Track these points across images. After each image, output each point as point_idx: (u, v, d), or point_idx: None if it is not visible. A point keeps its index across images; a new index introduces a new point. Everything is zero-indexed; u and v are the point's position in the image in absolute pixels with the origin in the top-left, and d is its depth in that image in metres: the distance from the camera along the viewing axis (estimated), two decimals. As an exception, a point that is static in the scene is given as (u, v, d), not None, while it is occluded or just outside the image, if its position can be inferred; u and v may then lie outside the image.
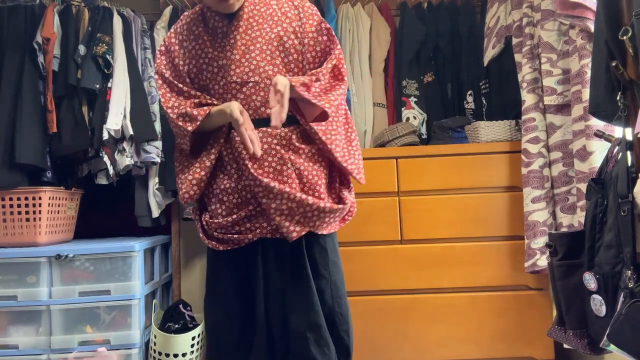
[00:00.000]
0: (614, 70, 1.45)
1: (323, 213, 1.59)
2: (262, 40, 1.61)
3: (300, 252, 1.62)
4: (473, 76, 2.78)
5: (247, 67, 1.60)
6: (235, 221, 1.59)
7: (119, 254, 2.33)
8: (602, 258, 1.50)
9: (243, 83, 1.60)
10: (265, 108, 1.59)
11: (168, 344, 2.31)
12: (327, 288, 1.65)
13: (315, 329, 1.60)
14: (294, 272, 1.62)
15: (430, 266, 2.36)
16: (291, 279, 1.62)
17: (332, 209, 1.60)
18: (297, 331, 1.59)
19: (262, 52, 1.60)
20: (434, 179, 2.39)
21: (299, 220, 1.58)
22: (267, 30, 1.62)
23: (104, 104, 2.46)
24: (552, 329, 1.72)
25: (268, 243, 1.63)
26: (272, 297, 1.62)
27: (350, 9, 2.89)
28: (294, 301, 1.61)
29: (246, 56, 1.60)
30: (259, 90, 1.60)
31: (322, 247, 1.67)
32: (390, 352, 2.35)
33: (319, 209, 1.58)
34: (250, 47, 1.61)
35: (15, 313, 2.27)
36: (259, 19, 1.63)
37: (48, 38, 2.44)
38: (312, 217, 1.59)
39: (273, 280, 1.62)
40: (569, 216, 2.18)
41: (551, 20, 2.20)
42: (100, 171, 2.52)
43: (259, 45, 1.61)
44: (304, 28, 1.65)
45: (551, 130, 2.24)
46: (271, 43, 1.61)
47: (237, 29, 1.62)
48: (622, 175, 1.45)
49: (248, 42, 1.61)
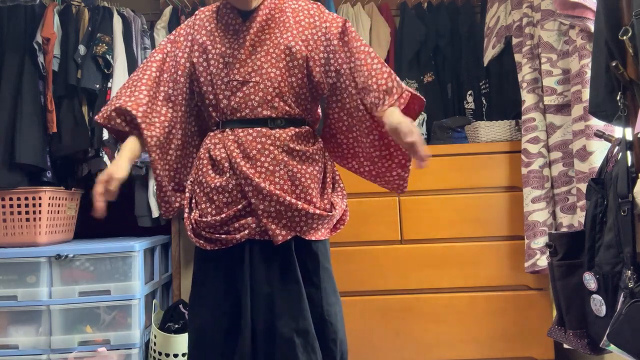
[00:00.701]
0: (614, 70, 1.45)
1: (311, 219, 1.57)
2: (269, 44, 1.61)
3: (290, 256, 1.59)
4: (473, 76, 2.78)
5: (250, 67, 1.60)
6: (224, 220, 1.58)
7: (119, 254, 2.33)
8: (602, 258, 1.50)
9: (244, 82, 1.60)
10: (262, 109, 1.59)
11: (168, 344, 2.31)
12: (317, 295, 1.61)
13: (303, 335, 1.56)
14: (282, 276, 1.59)
15: (430, 266, 2.36)
16: (279, 283, 1.58)
17: (320, 215, 1.58)
18: (284, 337, 1.55)
19: (267, 54, 1.60)
20: (434, 179, 2.39)
21: (286, 224, 1.56)
22: (277, 35, 1.62)
23: (104, 104, 2.46)
24: (552, 329, 1.72)
25: (256, 245, 1.60)
26: (259, 301, 1.58)
27: (350, 9, 2.89)
28: (282, 306, 1.57)
29: (252, 57, 1.61)
30: (258, 90, 1.60)
31: (314, 252, 1.63)
32: (390, 352, 2.35)
33: (307, 215, 1.56)
34: (257, 49, 1.61)
35: (15, 313, 2.27)
36: (271, 24, 1.64)
37: (48, 38, 2.44)
38: (299, 222, 1.57)
39: (260, 283, 1.58)
40: (569, 216, 2.18)
41: (551, 20, 2.20)
42: (100, 171, 2.50)
43: (266, 48, 1.61)
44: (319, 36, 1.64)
45: (551, 130, 2.24)
46: (278, 47, 1.61)
47: (249, 30, 1.62)
48: (622, 175, 1.45)
49: (256, 44, 1.62)
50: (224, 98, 1.62)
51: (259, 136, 1.59)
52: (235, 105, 1.61)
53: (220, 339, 1.61)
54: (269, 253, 1.60)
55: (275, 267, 1.60)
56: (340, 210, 1.67)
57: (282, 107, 1.61)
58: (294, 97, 1.63)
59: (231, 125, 1.62)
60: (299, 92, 1.63)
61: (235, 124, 1.61)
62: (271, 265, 1.60)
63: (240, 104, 1.60)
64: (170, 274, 2.88)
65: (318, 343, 1.58)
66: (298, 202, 1.55)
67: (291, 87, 1.61)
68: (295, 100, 1.63)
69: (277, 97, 1.60)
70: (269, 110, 1.59)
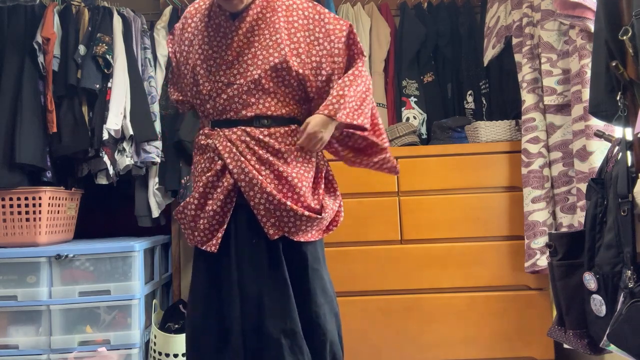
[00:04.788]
0: (614, 70, 1.45)
1: (299, 221, 1.56)
2: (257, 45, 1.60)
3: (278, 257, 1.59)
4: (473, 76, 2.78)
5: (235, 69, 1.59)
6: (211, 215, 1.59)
7: (119, 254, 2.33)
8: (602, 258, 1.50)
9: (229, 84, 1.59)
10: (246, 111, 1.59)
11: (168, 344, 2.31)
12: (305, 297, 1.61)
13: (290, 336, 1.55)
14: (270, 277, 1.59)
15: (430, 266, 2.36)
16: (267, 283, 1.58)
17: (309, 217, 1.57)
18: (271, 337, 1.55)
19: (254, 56, 1.59)
20: (434, 179, 2.39)
21: (274, 223, 1.57)
22: (267, 37, 1.60)
23: (104, 104, 2.46)
24: (552, 329, 1.72)
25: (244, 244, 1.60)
26: (248, 302, 1.58)
27: (350, 9, 2.89)
28: (270, 306, 1.56)
29: (238, 58, 1.60)
30: (242, 92, 1.59)
31: (302, 253, 1.62)
32: (390, 352, 2.35)
33: (296, 216, 1.55)
34: (245, 51, 1.60)
35: (15, 313, 2.27)
36: (261, 24, 1.61)
37: (48, 38, 2.44)
38: (287, 223, 1.56)
39: (249, 284, 1.58)
40: (569, 216, 2.18)
41: (551, 20, 2.20)
42: (100, 171, 2.52)
43: (253, 50, 1.59)
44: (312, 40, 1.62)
45: (551, 130, 2.24)
46: (267, 49, 1.58)
47: (237, 31, 1.60)
48: (622, 175, 1.45)
49: (244, 45, 1.60)
50: (210, 99, 1.62)
51: (243, 134, 1.58)
52: (220, 108, 1.61)
53: (214, 338, 1.61)
54: (257, 253, 1.60)
55: (264, 267, 1.59)
56: (331, 213, 1.65)
57: (267, 107, 1.60)
58: (281, 98, 1.61)
59: (219, 125, 1.63)
60: (285, 93, 1.61)
61: (223, 124, 1.62)
62: (260, 266, 1.59)
63: (225, 106, 1.60)
64: (170, 274, 2.88)
65: (306, 344, 1.58)
66: (287, 202, 1.54)
67: (277, 89, 1.60)
68: (282, 100, 1.61)
69: (262, 99, 1.59)
70: (253, 112, 1.59)
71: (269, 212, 1.56)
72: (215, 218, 1.58)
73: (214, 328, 1.61)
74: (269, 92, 1.59)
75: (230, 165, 1.56)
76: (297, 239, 1.59)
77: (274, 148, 1.58)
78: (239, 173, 1.55)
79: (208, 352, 1.61)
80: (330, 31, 1.63)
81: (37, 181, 2.45)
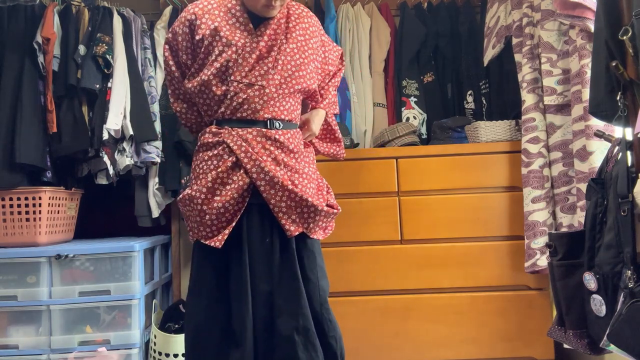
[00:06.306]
0: (614, 70, 1.45)
1: (318, 215, 1.63)
2: (277, 50, 1.65)
3: (291, 254, 1.61)
4: (473, 76, 2.78)
5: (257, 72, 1.63)
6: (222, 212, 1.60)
7: (119, 254, 2.33)
8: (602, 258, 1.50)
9: (250, 85, 1.62)
10: (263, 112, 1.63)
11: (168, 344, 2.32)
12: (315, 293, 1.63)
13: (304, 333, 1.57)
14: (283, 275, 1.60)
15: (430, 266, 2.36)
16: (279, 280, 1.60)
17: (327, 212, 1.65)
18: (284, 335, 1.56)
19: (274, 60, 1.64)
20: (434, 179, 2.39)
21: (295, 219, 1.60)
22: (284, 41, 1.67)
23: (104, 104, 2.46)
24: (552, 329, 1.72)
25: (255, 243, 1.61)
26: (259, 300, 1.59)
27: (350, 9, 2.89)
28: (281, 303, 1.58)
29: (259, 62, 1.64)
30: (262, 94, 1.62)
31: (311, 250, 1.66)
32: (390, 352, 2.35)
33: (316, 211, 1.62)
34: (265, 54, 1.65)
35: (15, 313, 2.27)
36: (284, 28, 1.69)
37: (48, 38, 2.44)
38: (307, 219, 1.62)
39: (260, 282, 1.59)
40: (569, 216, 2.18)
41: (551, 20, 2.20)
42: (100, 171, 2.52)
43: (274, 54, 1.65)
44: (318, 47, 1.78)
45: (551, 130, 2.24)
46: (285, 55, 1.66)
47: (262, 35, 1.65)
48: (622, 175, 1.45)
49: (263, 49, 1.64)
50: (225, 99, 1.64)
51: (259, 135, 1.62)
52: (236, 107, 1.62)
53: (215, 340, 1.61)
54: (269, 250, 1.61)
55: (275, 265, 1.61)
56: (337, 210, 1.73)
57: (282, 110, 1.65)
58: (293, 102, 1.68)
59: (229, 124, 1.63)
60: (298, 98, 1.71)
61: (234, 123, 1.63)
62: (271, 263, 1.61)
63: (242, 105, 1.62)
64: (170, 274, 2.88)
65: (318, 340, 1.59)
66: (308, 198, 1.60)
67: (292, 93, 1.67)
68: (294, 104, 1.69)
69: (279, 102, 1.64)
70: (269, 114, 1.63)
71: (290, 209, 1.59)
72: (225, 215, 1.59)
73: (218, 328, 1.61)
74: (285, 96, 1.66)
75: (247, 165, 1.58)
76: (312, 235, 1.65)
77: (288, 148, 1.64)
78: (257, 172, 1.58)
79: (212, 352, 1.61)
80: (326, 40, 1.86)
81: (37, 181, 2.45)
